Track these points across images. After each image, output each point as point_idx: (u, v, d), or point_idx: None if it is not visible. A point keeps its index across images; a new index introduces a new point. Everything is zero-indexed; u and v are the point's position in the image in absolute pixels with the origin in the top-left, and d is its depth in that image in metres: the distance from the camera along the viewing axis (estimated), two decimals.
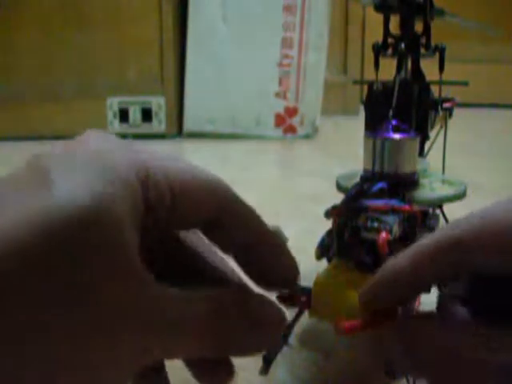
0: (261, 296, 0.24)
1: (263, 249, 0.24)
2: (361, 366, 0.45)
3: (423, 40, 0.45)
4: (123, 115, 1.51)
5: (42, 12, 1.46)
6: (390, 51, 0.46)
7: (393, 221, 0.35)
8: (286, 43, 1.46)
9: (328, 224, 0.38)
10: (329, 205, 0.37)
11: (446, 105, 0.48)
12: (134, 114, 1.50)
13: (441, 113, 0.47)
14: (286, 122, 1.50)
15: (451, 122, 0.51)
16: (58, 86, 1.49)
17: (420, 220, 0.39)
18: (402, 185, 0.40)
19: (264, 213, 0.82)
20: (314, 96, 1.51)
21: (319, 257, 0.39)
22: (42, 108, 1.49)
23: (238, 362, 0.46)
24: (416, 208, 0.38)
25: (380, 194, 0.38)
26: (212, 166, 1.00)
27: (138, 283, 0.19)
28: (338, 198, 0.39)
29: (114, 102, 1.50)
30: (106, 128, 1.50)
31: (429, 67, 0.47)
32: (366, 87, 0.45)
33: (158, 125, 1.51)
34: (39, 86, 1.49)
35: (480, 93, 1.92)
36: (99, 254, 0.18)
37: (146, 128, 1.52)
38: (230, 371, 0.24)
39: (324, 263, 0.39)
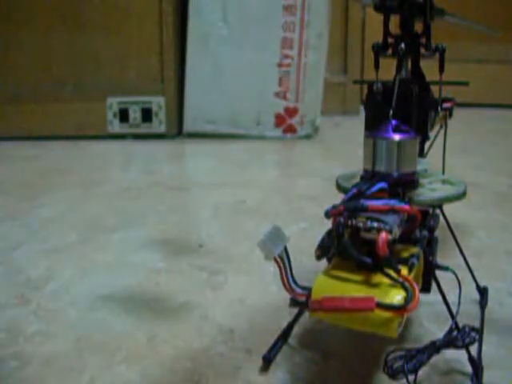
0: None
1: None
2: (360, 366, 0.45)
3: (423, 40, 0.45)
4: (123, 115, 1.51)
5: (42, 12, 1.46)
6: (390, 51, 0.46)
7: (393, 221, 0.35)
8: (286, 43, 1.46)
9: (328, 224, 0.38)
10: (329, 205, 0.37)
11: (446, 105, 0.48)
12: (134, 114, 1.50)
13: (441, 113, 0.47)
14: (286, 122, 1.50)
15: (451, 122, 0.51)
16: (58, 86, 1.49)
17: (420, 220, 0.39)
18: (402, 185, 0.40)
19: (264, 213, 0.83)
20: (314, 96, 1.50)
21: (319, 257, 0.39)
22: (42, 108, 1.49)
23: (237, 361, 0.47)
24: (416, 208, 0.38)
25: (380, 194, 0.38)
26: (212, 166, 1.01)
27: None
28: (337, 197, 0.39)
29: (114, 102, 1.50)
30: (106, 128, 1.50)
31: (429, 67, 0.47)
32: (366, 87, 0.45)
33: (158, 125, 1.51)
34: (39, 85, 1.49)
35: (480, 93, 1.92)
36: None
37: (146, 128, 1.52)
38: None
39: (324, 263, 0.39)
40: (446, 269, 0.44)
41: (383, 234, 0.34)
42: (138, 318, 0.53)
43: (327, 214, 0.37)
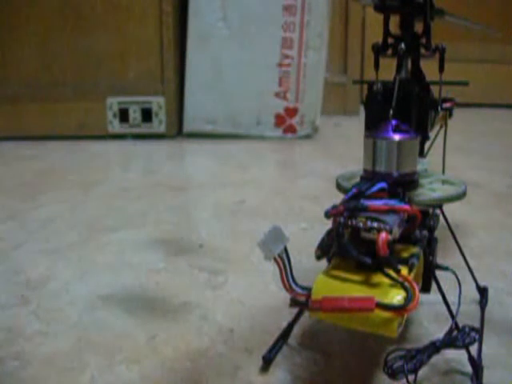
0: None
1: None
2: (360, 366, 0.45)
3: (423, 40, 0.45)
4: (123, 115, 1.51)
5: (42, 12, 1.46)
6: (390, 51, 0.46)
7: (393, 221, 0.35)
8: (285, 43, 1.46)
9: (328, 224, 0.38)
10: (329, 205, 0.37)
11: (446, 105, 0.48)
12: (134, 114, 1.50)
13: (441, 113, 0.47)
14: (286, 122, 1.50)
15: (451, 122, 0.51)
16: (58, 85, 1.49)
17: (420, 220, 0.39)
18: (402, 185, 0.40)
19: (264, 213, 0.83)
20: (314, 96, 1.51)
21: (319, 257, 0.39)
22: (42, 108, 1.49)
23: (237, 361, 0.46)
24: (416, 208, 0.38)
25: (380, 194, 0.38)
26: (212, 166, 1.01)
27: None
28: (337, 197, 0.39)
29: (114, 102, 1.50)
30: (106, 128, 1.50)
31: (429, 67, 0.47)
32: (366, 87, 0.45)
33: (158, 125, 1.51)
34: (39, 85, 1.49)
35: (480, 93, 1.92)
36: None
37: (146, 128, 1.52)
38: None
39: (324, 263, 0.39)
40: (446, 269, 0.44)
41: (383, 234, 0.34)
42: (138, 318, 0.53)
43: (327, 214, 0.37)
